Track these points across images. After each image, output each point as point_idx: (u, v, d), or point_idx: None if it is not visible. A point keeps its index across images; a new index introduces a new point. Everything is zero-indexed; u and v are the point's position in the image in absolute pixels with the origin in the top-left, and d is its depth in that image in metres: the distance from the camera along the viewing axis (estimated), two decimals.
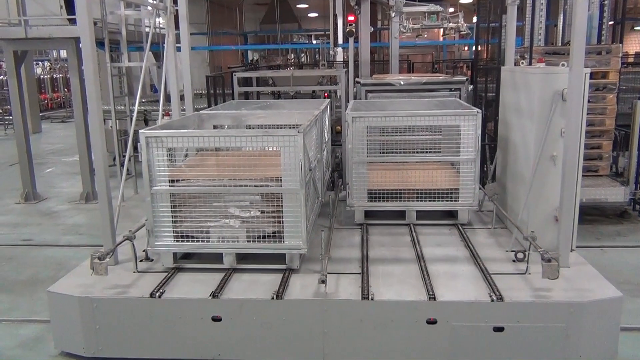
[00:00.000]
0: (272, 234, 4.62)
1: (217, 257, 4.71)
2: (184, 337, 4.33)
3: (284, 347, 4.29)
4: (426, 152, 5.79)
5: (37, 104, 19.64)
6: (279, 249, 4.62)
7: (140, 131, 4.53)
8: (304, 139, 4.46)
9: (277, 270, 4.64)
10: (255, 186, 4.58)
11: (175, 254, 4.76)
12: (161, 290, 4.36)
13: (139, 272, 4.73)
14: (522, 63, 5.54)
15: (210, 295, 4.28)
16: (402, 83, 7.62)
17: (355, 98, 7.75)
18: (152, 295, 4.31)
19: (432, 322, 4.15)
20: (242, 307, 4.24)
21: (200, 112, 6.10)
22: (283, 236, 4.58)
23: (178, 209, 4.63)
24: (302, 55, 29.36)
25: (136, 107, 6.04)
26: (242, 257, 4.77)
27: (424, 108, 6.46)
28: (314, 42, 29.39)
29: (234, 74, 8.78)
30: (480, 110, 5.45)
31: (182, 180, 4.69)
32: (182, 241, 4.68)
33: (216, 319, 4.27)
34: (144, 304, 4.31)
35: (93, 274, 4.34)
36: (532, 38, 8.66)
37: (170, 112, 6.56)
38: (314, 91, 10.57)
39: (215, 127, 6.14)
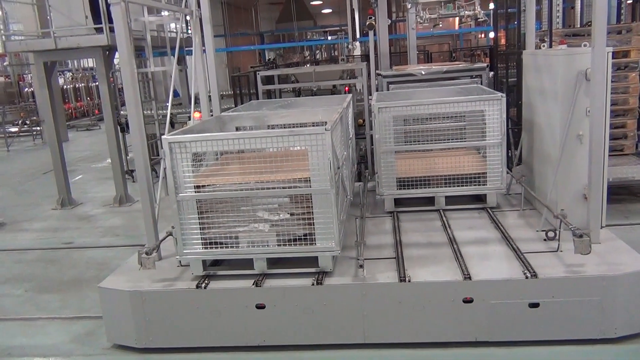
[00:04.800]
0: (303, 237, 4.52)
1: (248, 263, 4.62)
2: (229, 325, 4.53)
3: (326, 331, 4.46)
4: (452, 139, 5.92)
5: (62, 113, 20.13)
6: (311, 252, 4.51)
7: (162, 137, 4.44)
8: (332, 136, 4.35)
9: (310, 274, 4.52)
10: (284, 188, 4.49)
11: (204, 261, 4.67)
12: (206, 282, 4.56)
13: (182, 265, 4.92)
14: (543, 46, 5.63)
15: (253, 284, 4.47)
16: (423, 73, 7.72)
17: (377, 90, 7.88)
18: (197, 286, 4.51)
19: (468, 301, 4.29)
20: (284, 294, 4.42)
21: (221, 114, 6.13)
22: (315, 238, 4.46)
23: (205, 215, 4.54)
24: (317, 51, 29.58)
25: (169, 111, 6.24)
26: (273, 262, 4.65)
27: (447, 96, 6.57)
28: (329, 38, 29.59)
29: (257, 73, 8.97)
30: (504, 95, 5.55)
31: (207, 185, 4.61)
32: (210, 248, 4.60)
33: (260, 307, 4.45)
34: (190, 295, 4.51)
35: (141, 269, 4.57)
36: (551, 21, 8.65)
37: (199, 112, 6.75)
38: (334, 86, 10.72)
39: (237, 128, 6.06)
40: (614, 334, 4.24)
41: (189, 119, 6.65)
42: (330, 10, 28.50)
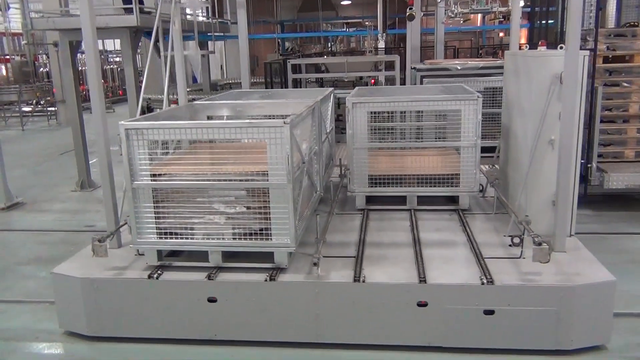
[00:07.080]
0: (259, 231, 4.40)
1: (204, 256, 4.52)
2: (181, 318, 4.45)
3: (278, 328, 4.38)
4: (429, 139, 5.80)
5: (79, 95, 20.02)
6: (266, 247, 4.41)
7: (119, 123, 4.33)
8: (292, 130, 4.21)
9: (265, 269, 4.43)
10: (240, 180, 4.40)
11: (160, 252, 4.59)
12: (159, 272, 4.49)
13: (140, 255, 4.84)
14: (525, 47, 5.47)
15: (206, 277, 4.38)
16: (458, 68, 7.57)
17: (411, 84, 7.79)
18: (149, 276, 4.44)
19: (423, 304, 4.18)
20: (236, 289, 4.34)
21: (194, 102, 6.01)
22: (271, 233, 4.36)
23: (161, 204, 4.45)
24: (332, 43, 29.34)
25: (141, 96, 6.15)
26: (229, 255, 4.55)
27: (429, 94, 6.43)
28: (348, 29, 29.40)
29: (288, 61, 8.97)
30: (480, 95, 5.41)
31: (165, 174, 4.53)
32: (166, 238, 4.49)
33: (212, 300, 4.38)
34: (142, 285, 4.44)
35: (94, 256, 4.49)
36: (598, 20, 8.06)
37: (177, 101, 6.67)
38: (361, 78, 10.61)
39: (209, 118, 5.94)
40: (569, 346, 4.13)
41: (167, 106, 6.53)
42: (349, 2, 28.19)
